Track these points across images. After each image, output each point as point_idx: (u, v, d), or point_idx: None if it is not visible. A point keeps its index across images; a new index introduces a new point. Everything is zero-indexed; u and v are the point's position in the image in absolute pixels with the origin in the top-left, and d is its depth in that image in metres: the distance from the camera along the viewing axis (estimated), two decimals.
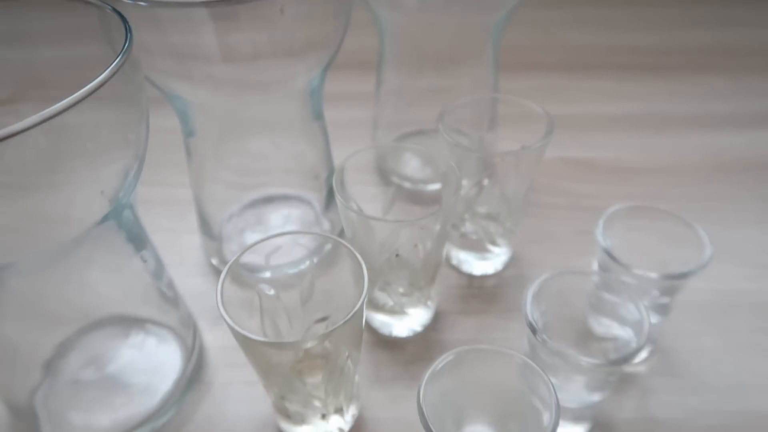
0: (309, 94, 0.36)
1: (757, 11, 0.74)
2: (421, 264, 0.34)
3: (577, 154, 0.52)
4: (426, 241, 0.33)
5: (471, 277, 0.42)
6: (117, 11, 0.26)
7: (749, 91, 0.61)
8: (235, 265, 0.28)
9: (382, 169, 0.48)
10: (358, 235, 0.33)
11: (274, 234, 0.30)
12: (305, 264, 0.37)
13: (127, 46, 0.25)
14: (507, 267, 0.42)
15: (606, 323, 0.34)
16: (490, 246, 0.41)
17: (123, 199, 0.29)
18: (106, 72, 0.23)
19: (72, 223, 0.26)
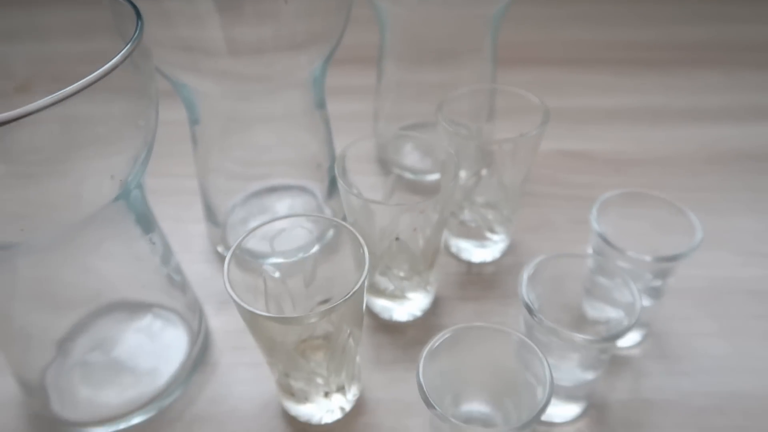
0: (311, 83, 0.37)
1: (750, 8, 0.75)
2: (420, 248, 0.35)
3: (574, 146, 0.54)
4: (425, 226, 0.34)
5: (470, 264, 0.43)
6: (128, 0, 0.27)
7: (742, 85, 0.62)
8: (241, 247, 0.29)
9: (383, 159, 0.49)
10: (360, 221, 0.34)
11: (278, 217, 0.31)
12: (308, 250, 0.38)
13: (137, 34, 0.26)
14: (505, 255, 0.43)
15: (599, 307, 0.35)
16: (489, 234, 0.42)
17: (132, 183, 0.30)
18: (118, 57, 0.24)
19: (82, 204, 0.27)
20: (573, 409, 0.34)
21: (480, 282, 0.42)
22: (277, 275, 0.32)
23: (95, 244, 0.31)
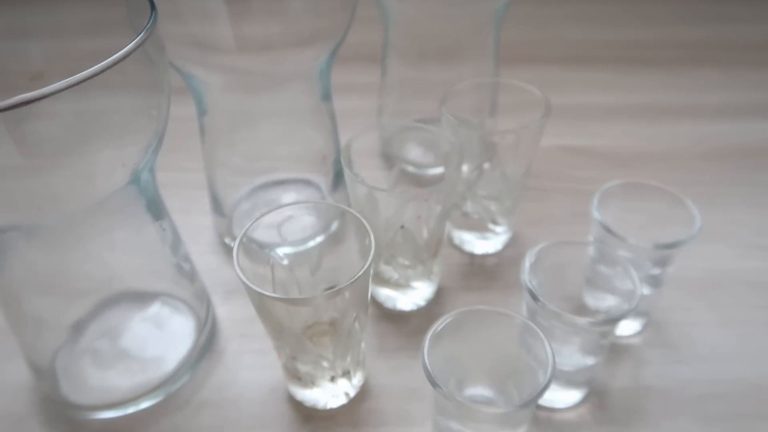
0: (317, 76, 0.38)
1: (749, 8, 0.76)
2: (424, 238, 0.36)
3: (575, 141, 0.54)
4: (430, 216, 0.35)
5: (472, 255, 0.44)
6: None
7: (741, 84, 0.63)
8: (249, 235, 0.30)
9: (387, 153, 0.50)
10: (365, 211, 0.35)
11: (285, 204, 0.32)
12: (314, 239, 0.39)
13: (151, 23, 0.26)
14: (507, 247, 0.44)
15: (600, 296, 0.36)
16: (491, 225, 0.42)
17: (142, 171, 0.30)
18: (132, 44, 0.25)
19: (94, 189, 0.28)
20: (574, 395, 0.34)
21: (482, 273, 0.42)
22: (285, 262, 0.33)
23: (107, 231, 0.32)
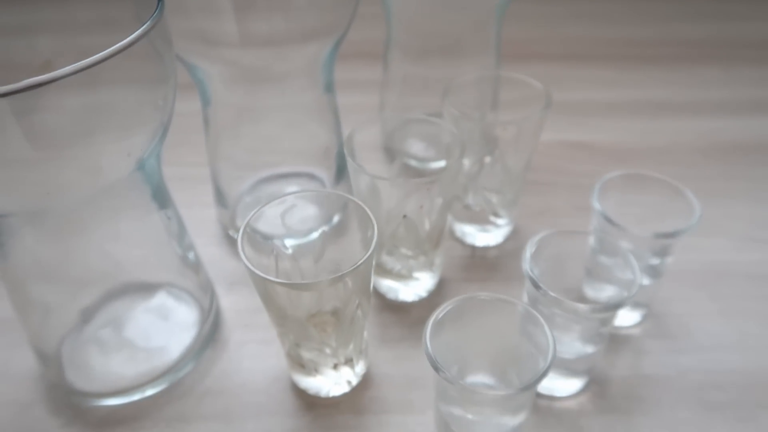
0: (321, 67, 0.38)
1: (748, 6, 0.77)
2: (426, 229, 0.36)
3: (576, 137, 0.55)
4: (432, 207, 0.35)
5: (474, 248, 0.44)
6: None
7: (741, 81, 0.63)
8: (252, 225, 0.30)
9: (389, 147, 0.50)
10: (368, 202, 0.35)
11: (289, 193, 0.32)
12: (318, 231, 0.39)
13: (157, 12, 0.27)
14: (508, 239, 0.45)
15: (599, 287, 0.36)
16: (492, 218, 0.43)
17: (148, 159, 0.31)
18: (139, 30, 0.25)
19: (98, 178, 0.28)
20: (575, 383, 0.34)
21: (483, 265, 0.43)
22: (289, 252, 0.33)
23: (113, 219, 0.32)
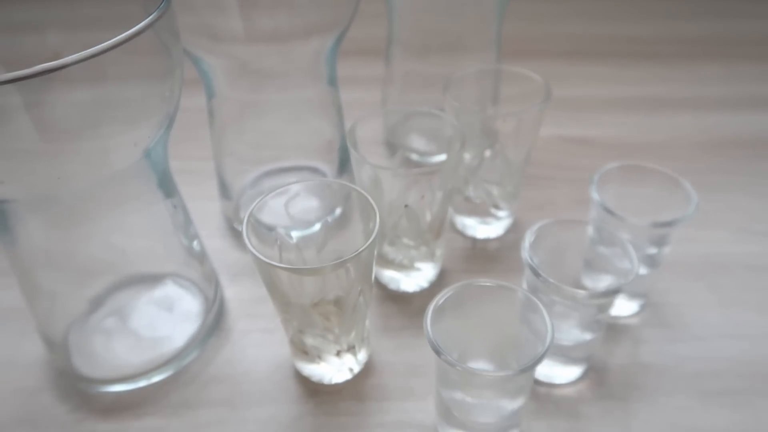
0: (324, 60, 0.39)
1: (746, 4, 0.77)
2: (428, 220, 0.37)
3: (575, 132, 0.55)
4: (433, 196, 0.35)
5: (474, 240, 0.45)
6: None
7: (739, 77, 0.64)
8: (256, 215, 0.31)
9: (390, 142, 0.51)
10: (370, 193, 0.36)
11: (292, 182, 0.33)
12: (321, 222, 0.39)
13: (164, 4, 0.27)
14: (508, 232, 0.45)
15: (597, 278, 0.37)
16: (493, 210, 0.43)
17: (154, 149, 0.31)
18: (146, 21, 0.26)
19: (105, 166, 0.29)
20: (573, 371, 0.35)
21: (484, 256, 0.43)
22: (292, 242, 0.34)
23: (119, 207, 0.33)
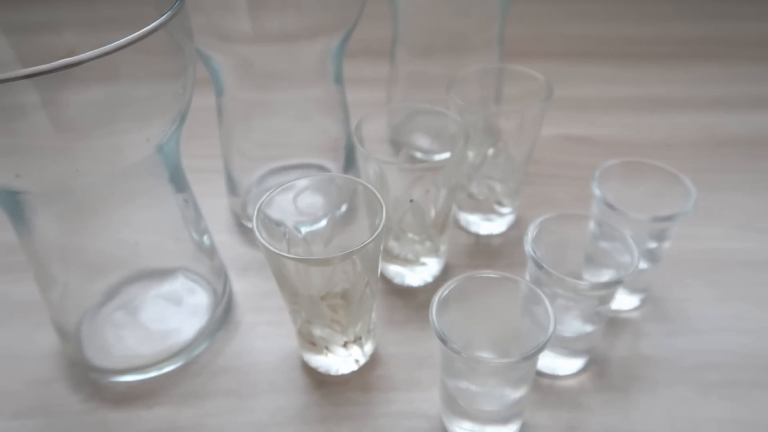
0: (331, 58, 0.40)
1: (746, 6, 0.78)
2: (432, 216, 0.37)
3: (577, 131, 0.56)
4: (438, 192, 0.36)
5: (478, 236, 0.45)
6: None
7: (738, 78, 0.65)
8: (266, 210, 0.32)
9: (395, 140, 0.52)
10: (376, 189, 0.36)
11: (301, 177, 0.33)
12: (328, 217, 0.40)
13: (177, 4, 0.28)
14: (511, 228, 0.46)
15: (599, 273, 0.37)
16: (496, 206, 0.44)
17: (167, 144, 0.32)
18: (161, 19, 0.26)
19: (118, 160, 0.30)
20: (576, 363, 0.36)
21: (487, 252, 0.44)
22: (300, 236, 0.35)
23: (131, 204, 0.33)
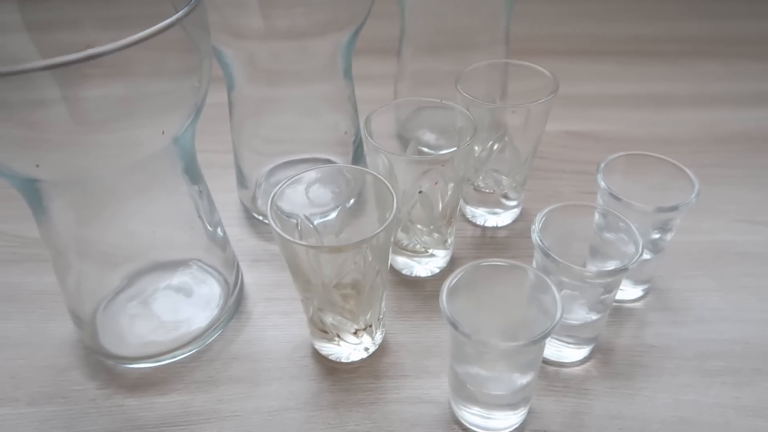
0: (340, 53, 0.41)
1: (747, 5, 0.79)
2: (439, 208, 0.38)
3: (581, 127, 0.57)
4: (446, 183, 0.37)
5: (484, 228, 0.46)
6: None
7: (741, 75, 0.65)
8: (278, 202, 0.32)
9: (402, 135, 0.52)
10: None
11: (313, 168, 0.34)
12: (339, 207, 0.41)
13: (194, 1, 0.29)
14: (516, 221, 0.47)
15: (603, 264, 0.38)
16: (502, 199, 0.45)
17: (182, 137, 0.33)
18: (178, 14, 0.27)
19: (134, 152, 0.30)
20: (581, 351, 0.36)
21: (494, 244, 0.45)
22: (312, 226, 0.35)
23: (147, 195, 0.34)
